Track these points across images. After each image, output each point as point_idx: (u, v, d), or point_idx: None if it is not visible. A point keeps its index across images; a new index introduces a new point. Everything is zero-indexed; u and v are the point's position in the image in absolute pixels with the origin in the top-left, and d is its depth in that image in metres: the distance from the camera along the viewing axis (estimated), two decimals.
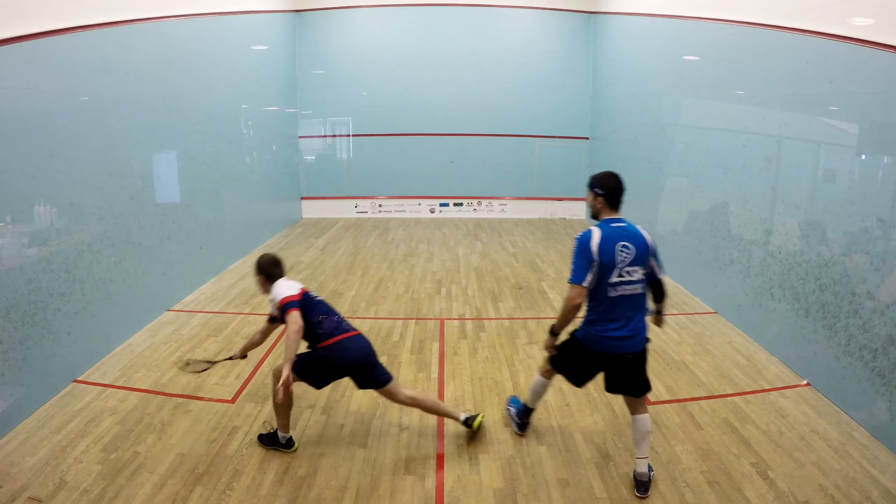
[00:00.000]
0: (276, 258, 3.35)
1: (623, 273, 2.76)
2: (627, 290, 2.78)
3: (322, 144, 11.11)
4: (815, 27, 4.21)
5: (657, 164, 7.48)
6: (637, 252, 2.77)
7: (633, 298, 2.80)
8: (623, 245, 2.76)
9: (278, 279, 3.27)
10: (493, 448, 3.32)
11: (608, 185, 2.87)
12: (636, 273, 2.79)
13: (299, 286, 3.24)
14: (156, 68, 5.49)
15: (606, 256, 2.73)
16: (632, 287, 2.79)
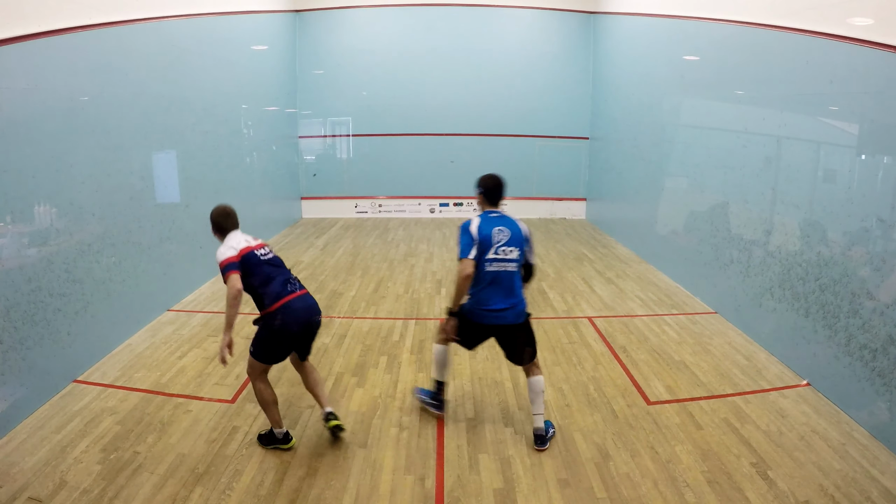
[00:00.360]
0: (227, 209, 3.17)
1: (499, 251, 3.19)
2: (503, 267, 3.21)
3: (322, 144, 11.11)
4: (815, 27, 4.22)
5: (657, 164, 7.48)
6: (512, 235, 3.25)
7: (509, 275, 3.23)
8: (499, 228, 3.24)
9: (230, 231, 3.12)
10: (493, 448, 3.32)
11: (487, 185, 3.37)
12: (511, 253, 3.22)
13: (244, 244, 3.08)
14: (156, 68, 5.49)
15: (484, 236, 3.20)
16: (507, 264, 3.22)
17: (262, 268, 3.08)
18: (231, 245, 3.04)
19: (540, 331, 5.15)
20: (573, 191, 11.21)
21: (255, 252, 3.09)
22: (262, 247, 3.19)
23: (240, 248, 3.05)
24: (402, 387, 4.07)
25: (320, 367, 4.36)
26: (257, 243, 3.18)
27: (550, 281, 6.80)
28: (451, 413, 3.72)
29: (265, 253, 3.17)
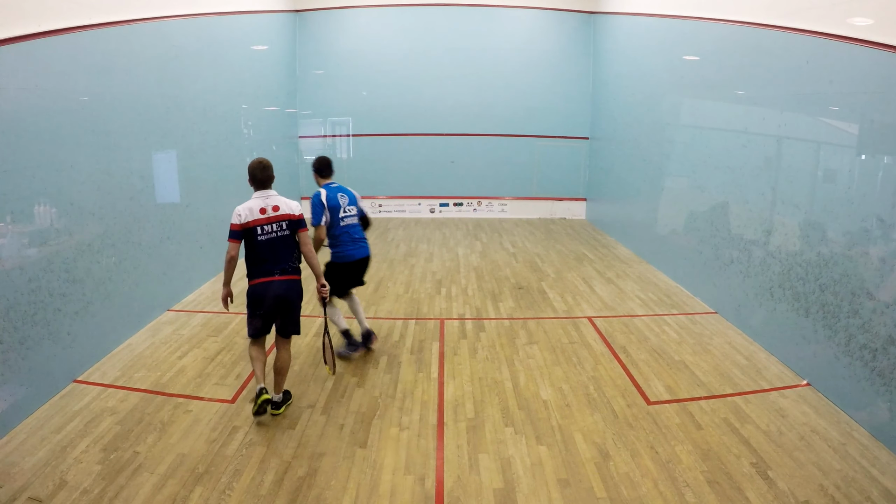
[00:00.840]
0: (257, 164, 3.60)
1: (345, 210, 4.40)
2: (350, 221, 4.44)
3: (322, 144, 11.11)
4: (815, 27, 4.22)
5: (657, 164, 7.48)
6: (349, 198, 4.46)
7: (355, 225, 4.48)
8: (340, 195, 4.41)
9: (255, 190, 3.59)
10: (493, 448, 3.32)
11: (318, 165, 4.52)
12: (352, 210, 4.45)
13: (256, 214, 3.50)
14: (156, 68, 5.49)
15: (333, 202, 4.35)
16: (352, 218, 4.45)
17: (256, 248, 3.52)
18: (241, 211, 3.49)
19: (540, 331, 5.16)
20: (573, 191, 11.21)
21: (256, 228, 3.49)
22: (274, 220, 3.53)
23: (246, 219, 3.47)
24: (402, 387, 4.07)
25: (320, 367, 4.36)
26: (273, 215, 3.53)
27: (550, 281, 6.80)
28: (451, 413, 3.72)
29: (271, 231, 3.51)
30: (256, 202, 3.55)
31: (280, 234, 3.55)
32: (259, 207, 3.53)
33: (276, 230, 3.54)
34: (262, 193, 3.59)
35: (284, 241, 3.57)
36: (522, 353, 4.65)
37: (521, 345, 4.84)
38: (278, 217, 3.56)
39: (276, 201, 3.58)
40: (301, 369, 4.32)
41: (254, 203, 3.55)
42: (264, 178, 3.61)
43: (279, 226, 3.55)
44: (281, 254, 3.55)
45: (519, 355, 4.62)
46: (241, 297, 3.79)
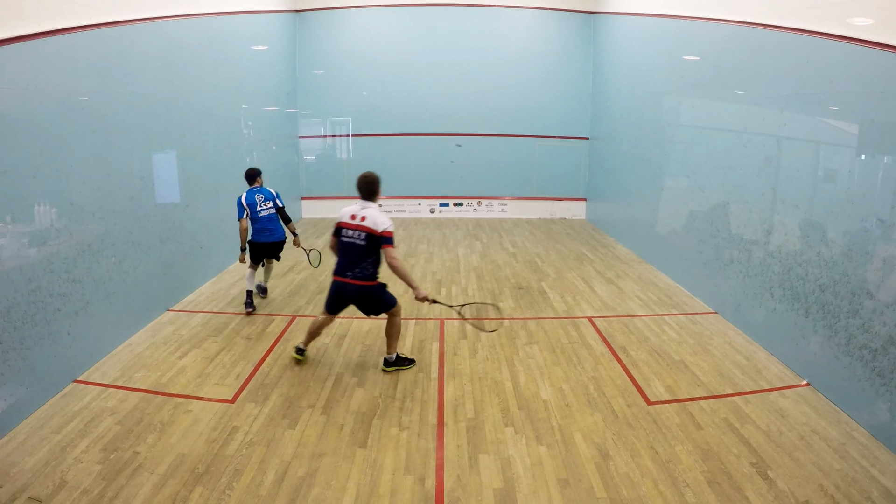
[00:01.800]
0: (367, 178, 4.08)
1: (262, 205, 5.60)
2: (266, 213, 5.63)
3: (322, 144, 11.11)
4: (815, 27, 4.22)
5: (657, 164, 7.48)
6: (265, 196, 5.67)
7: (271, 216, 5.67)
8: (257, 195, 5.64)
9: (362, 199, 4.08)
10: (493, 448, 3.32)
11: (246, 175, 5.83)
12: (267, 204, 5.65)
13: (347, 217, 4.03)
14: (156, 68, 5.49)
15: (249, 202, 5.57)
16: (268, 211, 5.64)
17: (339, 245, 4.12)
18: (343, 210, 4.12)
19: (540, 331, 5.16)
20: (573, 191, 11.21)
21: (342, 229, 4.10)
22: (356, 228, 4.02)
23: (340, 219, 4.10)
24: (402, 387, 4.07)
25: (320, 367, 4.37)
26: (358, 224, 4.00)
27: (550, 281, 6.80)
28: (451, 413, 3.72)
29: (351, 236, 4.04)
30: (353, 208, 4.04)
31: (358, 241, 3.96)
32: (351, 213, 4.01)
33: (354, 237, 3.97)
34: (361, 203, 4.04)
35: (360, 249, 3.96)
36: (522, 353, 4.65)
37: (521, 345, 4.84)
38: (360, 227, 3.96)
39: (367, 213, 3.96)
40: (301, 369, 4.32)
41: (351, 208, 4.04)
42: (366, 191, 4.04)
43: (358, 234, 3.96)
44: (354, 259, 4.00)
45: (519, 355, 4.62)
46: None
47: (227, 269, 7.14)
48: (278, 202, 5.75)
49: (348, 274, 4.01)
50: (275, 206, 5.70)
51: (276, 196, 5.77)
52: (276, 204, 5.72)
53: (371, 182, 4.04)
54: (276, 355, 4.56)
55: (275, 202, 5.71)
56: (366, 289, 4.06)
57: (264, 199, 5.66)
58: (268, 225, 5.63)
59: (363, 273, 4.01)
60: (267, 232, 5.65)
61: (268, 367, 4.35)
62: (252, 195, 5.62)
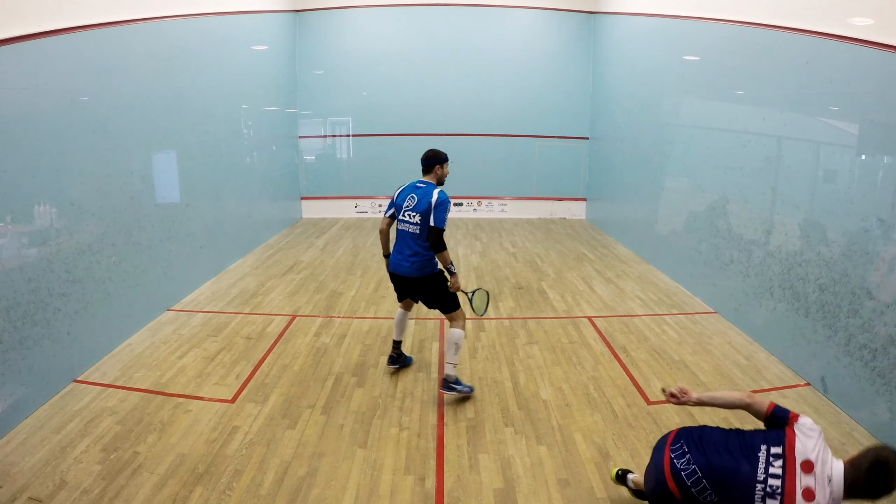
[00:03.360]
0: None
1: (405, 214, 4.03)
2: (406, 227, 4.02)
3: (322, 144, 11.10)
4: (815, 27, 4.22)
5: (657, 164, 7.48)
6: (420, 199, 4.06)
7: (410, 234, 3.98)
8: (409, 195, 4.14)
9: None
10: (493, 448, 3.32)
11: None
12: (414, 217, 4.00)
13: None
14: (156, 68, 5.49)
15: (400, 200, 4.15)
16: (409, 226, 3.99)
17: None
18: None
19: (540, 331, 5.16)
20: (573, 191, 11.21)
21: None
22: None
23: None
24: (402, 387, 4.07)
25: (320, 367, 4.36)
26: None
27: (550, 281, 6.80)
28: (451, 413, 3.72)
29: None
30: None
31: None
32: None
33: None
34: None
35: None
36: (522, 353, 4.65)
37: (521, 345, 4.84)
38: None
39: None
40: (301, 369, 4.32)
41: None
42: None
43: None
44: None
45: (519, 355, 4.62)
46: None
47: (227, 269, 7.14)
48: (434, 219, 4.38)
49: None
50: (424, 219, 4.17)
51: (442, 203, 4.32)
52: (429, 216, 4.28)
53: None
54: (276, 355, 4.56)
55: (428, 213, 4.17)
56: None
57: (414, 206, 4.10)
58: (401, 248, 4.15)
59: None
60: (398, 252, 4.32)
61: (268, 367, 4.35)
62: (407, 192, 4.24)
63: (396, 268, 3.96)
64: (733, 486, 2.03)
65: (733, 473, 2.04)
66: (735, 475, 2.04)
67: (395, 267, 3.96)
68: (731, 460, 2.08)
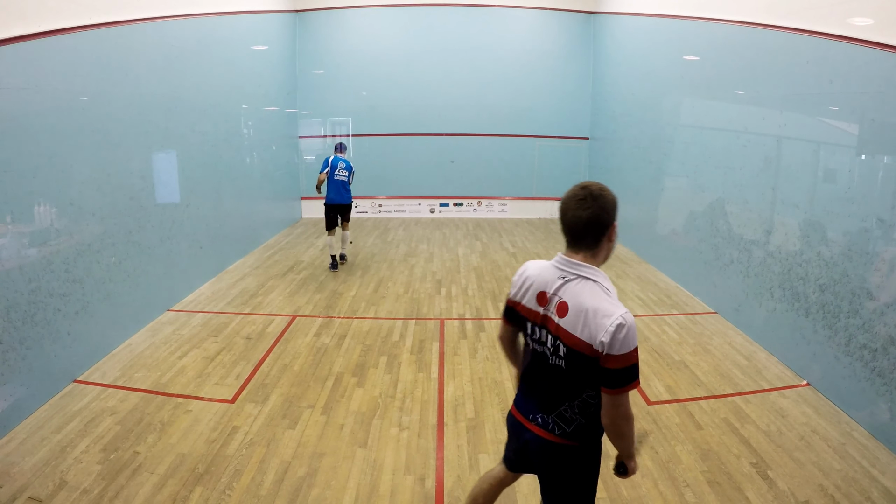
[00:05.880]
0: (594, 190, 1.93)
1: (340, 172, 7.04)
2: (340, 179, 7.07)
3: (322, 144, 11.10)
4: (815, 27, 4.22)
5: (657, 164, 7.48)
6: (346, 166, 7.08)
7: (344, 182, 7.11)
8: (340, 161, 7.10)
9: (570, 245, 1.89)
10: (493, 448, 3.32)
11: (336, 146, 7.41)
12: (344, 173, 7.07)
13: (534, 295, 1.88)
14: (156, 68, 5.49)
15: (334, 163, 7.04)
16: (342, 178, 7.06)
17: (526, 356, 1.99)
18: (531, 274, 1.90)
19: None
20: None
21: (528, 323, 1.90)
22: (552, 330, 1.81)
23: (521, 296, 1.90)
24: (402, 387, 4.07)
25: (320, 367, 4.36)
26: (555, 320, 1.78)
27: None
28: (451, 413, 3.72)
29: (542, 342, 1.86)
30: (547, 273, 1.84)
31: (555, 360, 1.81)
32: (541, 290, 1.83)
33: (549, 346, 1.82)
34: (565, 261, 1.82)
35: (560, 373, 1.82)
36: None
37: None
38: (560, 332, 1.76)
39: (577, 293, 1.75)
40: (301, 369, 4.32)
41: (544, 273, 1.85)
42: (575, 227, 1.84)
43: (555, 343, 1.79)
44: (550, 390, 1.88)
45: None
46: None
47: (227, 269, 7.14)
48: (351, 175, 7.21)
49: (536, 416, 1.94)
50: (349, 174, 7.11)
51: (352, 170, 7.22)
52: (352, 174, 7.20)
53: (595, 207, 1.90)
54: (276, 355, 4.56)
55: (350, 172, 7.15)
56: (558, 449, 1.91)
57: (345, 167, 7.06)
58: (340, 189, 7.06)
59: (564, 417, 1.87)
60: (339, 195, 7.07)
61: (268, 367, 4.35)
62: (336, 161, 7.06)
63: (339, 200, 6.98)
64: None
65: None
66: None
67: (338, 200, 7.03)
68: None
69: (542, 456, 1.94)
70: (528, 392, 1.97)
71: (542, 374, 1.88)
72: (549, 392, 1.87)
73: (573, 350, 1.73)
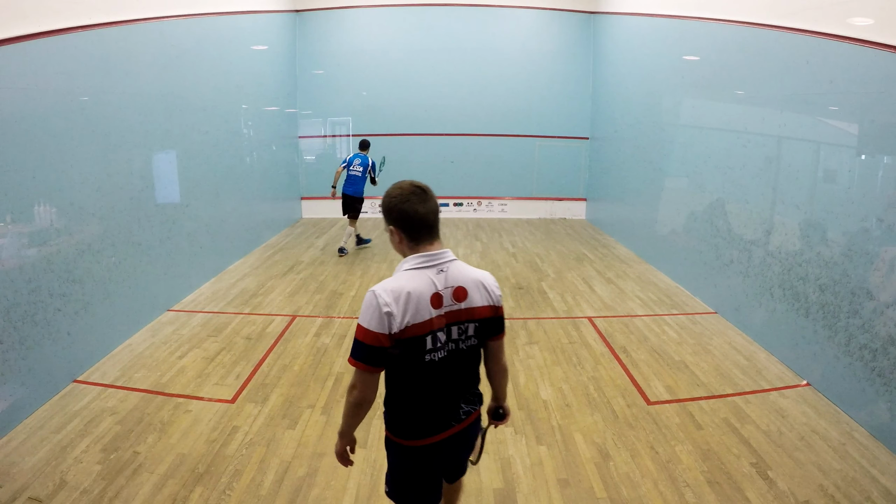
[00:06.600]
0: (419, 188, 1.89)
1: (355, 167, 7.92)
2: (354, 173, 7.91)
3: (322, 144, 11.10)
4: (815, 27, 4.22)
5: (657, 164, 7.48)
6: (361, 161, 7.87)
7: (357, 177, 7.90)
8: (357, 157, 7.95)
9: (421, 242, 1.87)
10: (493, 448, 3.32)
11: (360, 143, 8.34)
12: (360, 169, 7.85)
13: (426, 305, 1.81)
14: (156, 68, 5.49)
15: (351, 159, 7.97)
16: (356, 172, 7.91)
17: (421, 374, 1.86)
18: (388, 300, 1.74)
19: (540, 331, 5.16)
20: (573, 191, 11.21)
21: (425, 338, 1.80)
22: (461, 318, 1.88)
23: (405, 322, 1.76)
24: None
25: (320, 367, 4.36)
26: (457, 307, 1.87)
27: (550, 281, 6.80)
28: None
29: (452, 340, 1.88)
30: (421, 279, 1.79)
31: (467, 345, 1.89)
32: (431, 292, 1.79)
33: (459, 337, 1.87)
34: (430, 256, 1.84)
35: (472, 353, 1.93)
36: (522, 353, 4.65)
37: (521, 345, 4.83)
38: (467, 312, 1.86)
39: (460, 274, 1.89)
40: (301, 369, 4.32)
41: (415, 282, 1.78)
42: (430, 220, 1.84)
43: (463, 328, 1.87)
44: (465, 375, 1.95)
45: (519, 355, 4.62)
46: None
47: (227, 269, 7.14)
48: (370, 171, 7.83)
49: (459, 416, 1.96)
50: (364, 169, 7.77)
51: (371, 165, 7.84)
52: (367, 170, 7.81)
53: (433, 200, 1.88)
54: (276, 355, 4.56)
55: (365, 168, 7.80)
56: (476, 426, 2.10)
57: (360, 163, 7.80)
58: (351, 182, 7.80)
59: (474, 397, 2.03)
60: (351, 187, 7.81)
61: (268, 367, 4.36)
62: (353, 158, 7.87)
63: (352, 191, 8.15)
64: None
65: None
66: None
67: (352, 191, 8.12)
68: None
69: (473, 436, 2.09)
70: (442, 400, 1.91)
71: (456, 369, 1.90)
72: (466, 378, 1.96)
73: (483, 320, 1.91)
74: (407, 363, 1.80)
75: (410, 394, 1.87)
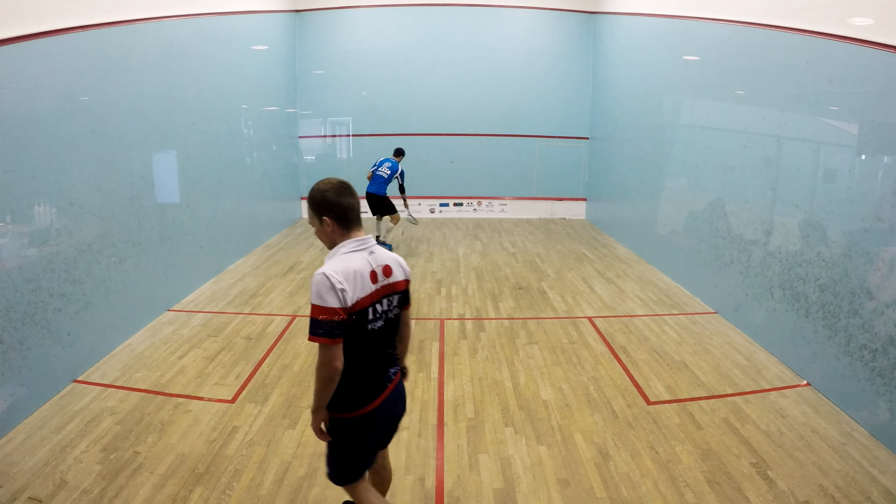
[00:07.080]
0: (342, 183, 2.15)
1: (381, 169, 8.31)
2: (380, 174, 8.26)
3: (322, 144, 11.11)
4: (815, 27, 4.22)
5: (657, 164, 7.48)
6: (390, 164, 8.27)
7: (382, 179, 8.22)
8: (386, 161, 8.34)
9: (350, 229, 2.12)
10: (493, 448, 3.32)
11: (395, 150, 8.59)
12: (387, 172, 8.29)
13: (366, 281, 2.08)
14: (156, 68, 5.49)
15: (380, 163, 8.35)
16: (382, 174, 8.22)
17: (364, 343, 2.12)
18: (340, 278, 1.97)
19: (540, 331, 5.16)
20: (573, 191, 11.21)
21: (368, 310, 2.07)
22: (389, 292, 2.17)
23: (355, 297, 2.01)
24: None
25: None
26: (387, 282, 2.16)
27: (550, 281, 6.80)
28: (451, 413, 3.72)
29: (384, 311, 2.17)
30: (359, 259, 2.07)
31: (394, 314, 2.22)
32: (369, 270, 2.07)
33: (391, 306, 2.19)
34: (361, 241, 2.12)
35: (395, 321, 2.25)
36: (522, 353, 4.65)
37: (521, 345, 4.83)
38: (393, 286, 2.18)
39: (382, 255, 2.17)
40: (301, 369, 4.32)
41: (356, 262, 2.05)
42: (357, 209, 2.15)
43: (391, 299, 2.19)
44: (390, 343, 2.27)
45: (519, 355, 4.62)
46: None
47: (227, 269, 7.14)
48: (397, 176, 8.17)
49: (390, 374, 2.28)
50: (391, 174, 8.11)
51: (399, 172, 8.19)
52: (394, 175, 8.14)
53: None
54: (276, 355, 4.56)
55: (393, 172, 8.13)
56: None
57: (389, 167, 8.14)
58: (375, 182, 8.12)
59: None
60: (374, 186, 8.12)
61: (268, 367, 4.35)
62: (384, 161, 8.22)
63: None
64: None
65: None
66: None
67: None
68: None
69: (400, 394, 2.39)
70: (379, 364, 2.21)
71: (386, 336, 2.21)
72: (391, 343, 2.27)
73: (402, 292, 2.24)
74: (354, 333, 2.03)
75: (355, 364, 2.08)
